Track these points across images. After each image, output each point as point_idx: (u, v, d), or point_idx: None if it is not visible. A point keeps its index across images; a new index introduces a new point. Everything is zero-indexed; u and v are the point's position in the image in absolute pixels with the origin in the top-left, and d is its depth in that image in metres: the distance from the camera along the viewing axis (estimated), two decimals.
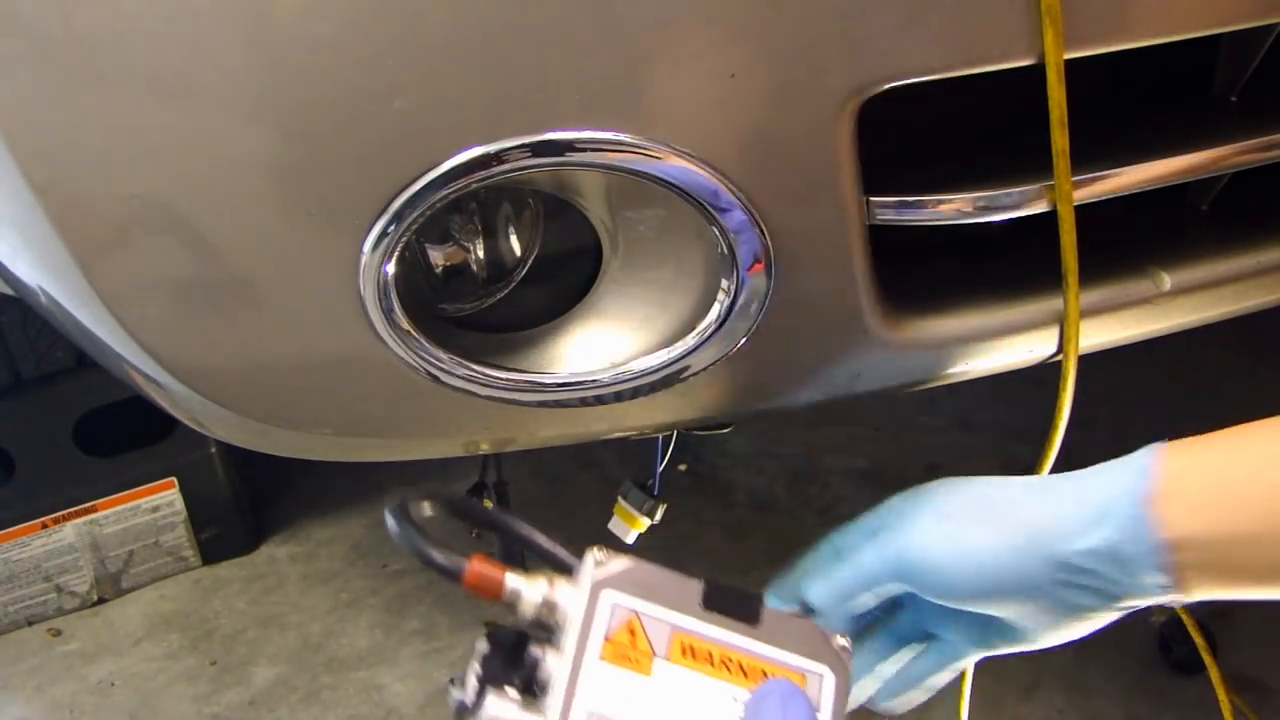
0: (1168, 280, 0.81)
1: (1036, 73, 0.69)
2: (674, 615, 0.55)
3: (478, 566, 0.55)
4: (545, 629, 0.55)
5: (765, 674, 0.54)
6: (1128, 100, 0.88)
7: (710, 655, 0.54)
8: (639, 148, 0.66)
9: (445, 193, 0.66)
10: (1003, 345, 0.80)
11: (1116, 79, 0.86)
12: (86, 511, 1.63)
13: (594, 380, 0.74)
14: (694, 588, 0.56)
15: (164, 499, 1.67)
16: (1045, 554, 0.59)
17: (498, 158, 0.65)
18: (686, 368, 0.74)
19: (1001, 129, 0.83)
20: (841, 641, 0.57)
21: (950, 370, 0.80)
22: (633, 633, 0.54)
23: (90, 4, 0.62)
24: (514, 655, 0.54)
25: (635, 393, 0.75)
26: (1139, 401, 0.75)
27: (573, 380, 0.75)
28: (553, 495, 1.80)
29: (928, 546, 0.60)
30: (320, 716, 1.44)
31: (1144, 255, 0.83)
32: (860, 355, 0.77)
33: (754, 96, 0.67)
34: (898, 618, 0.67)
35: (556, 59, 0.64)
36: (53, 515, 1.62)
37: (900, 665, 0.68)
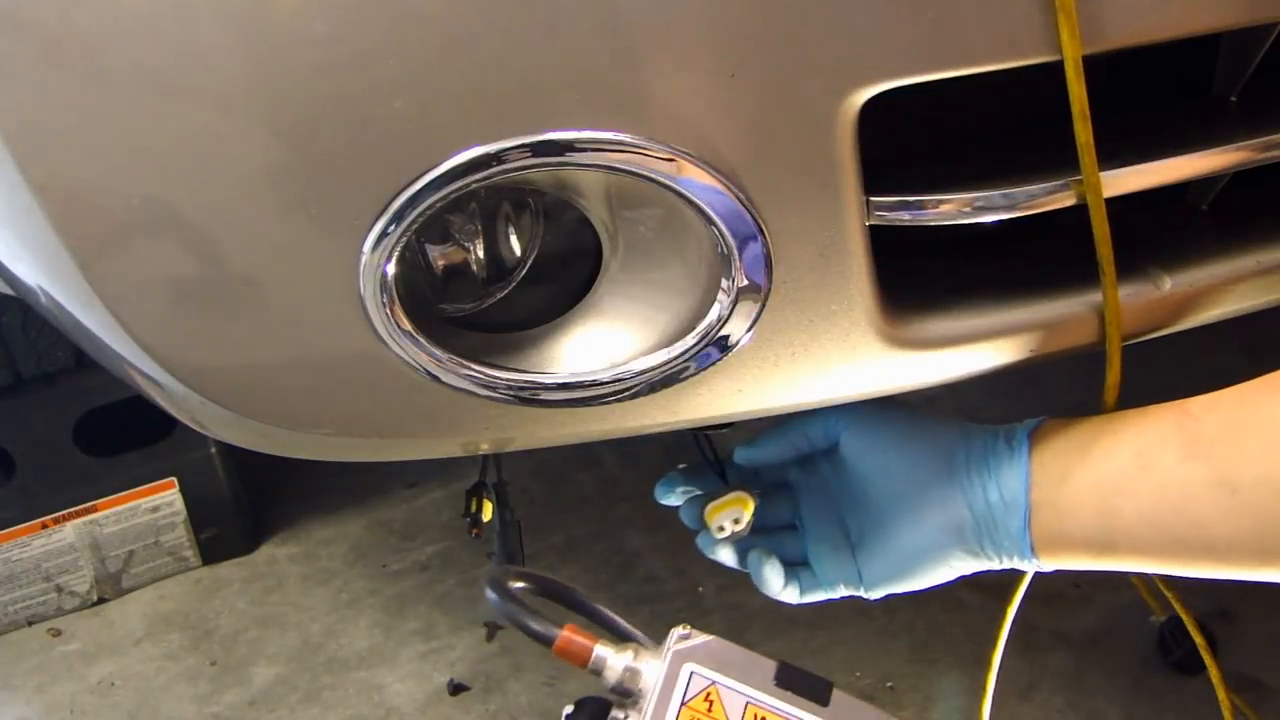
0: (1168, 281, 0.81)
1: (1036, 73, 0.69)
2: (749, 689, 0.58)
3: (569, 634, 0.61)
4: (628, 695, 0.60)
5: None
6: (1127, 100, 0.88)
7: None
8: (639, 148, 0.66)
9: (445, 193, 0.66)
10: (1003, 345, 0.80)
11: (1115, 79, 0.86)
12: (86, 511, 1.63)
13: (594, 380, 0.74)
14: (768, 666, 0.60)
15: (164, 499, 1.67)
16: (954, 444, 0.79)
17: (498, 158, 0.65)
18: (686, 368, 0.74)
19: (1000, 129, 0.83)
20: None
21: (950, 370, 0.80)
22: (709, 701, 0.58)
23: (90, 4, 0.62)
24: (597, 718, 0.59)
25: (635, 393, 0.75)
26: (1139, 402, 0.75)
27: (573, 380, 0.75)
28: (553, 495, 1.80)
29: (856, 412, 0.84)
30: (320, 716, 1.44)
31: (1144, 256, 0.82)
32: (860, 355, 0.77)
33: (754, 96, 0.67)
34: (783, 540, 0.86)
35: (557, 59, 0.64)
36: (53, 515, 1.62)
37: (764, 558, 0.83)
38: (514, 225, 0.77)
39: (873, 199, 0.72)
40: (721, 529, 0.84)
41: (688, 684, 0.57)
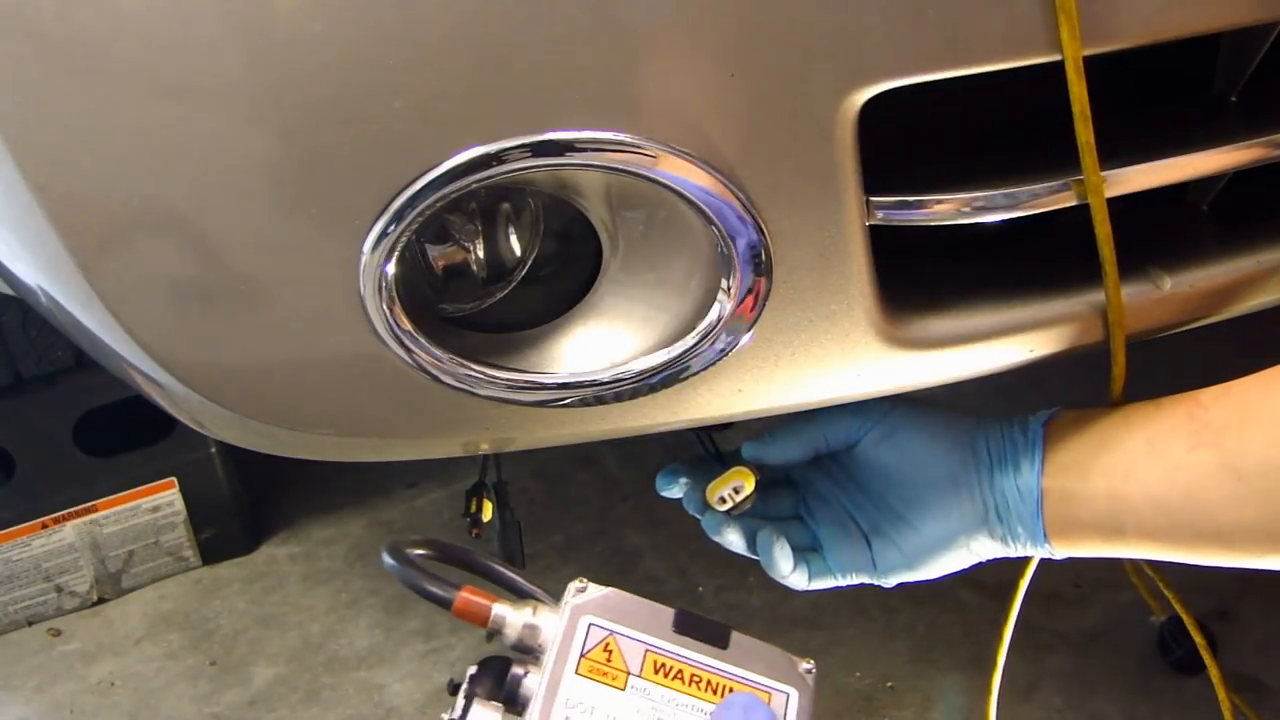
0: (1168, 281, 0.81)
1: (1037, 73, 0.69)
2: (647, 637, 0.59)
3: (466, 595, 0.61)
4: (529, 652, 0.60)
5: (733, 691, 0.58)
6: (1127, 101, 0.88)
7: (681, 673, 0.58)
8: (639, 148, 0.66)
9: (445, 193, 0.66)
10: (1003, 345, 0.80)
11: (1114, 80, 0.86)
12: (86, 511, 1.63)
13: (594, 380, 0.74)
14: (666, 615, 0.60)
15: (164, 499, 1.67)
16: (971, 434, 0.81)
17: (498, 158, 0.65)
18: (686, 368, 0.74)
19: (999, 130, 0.83)
20: (806, 665, 0.61)
21: (951, 370, 0.80)
22: (609, 651, 0.58)
23: (90, 4, 0.62)
24: (499, 675, 0.59)
25: (635, 393, 0.75)
26: (1139, 400, 0.76)
27: (573, 380, 0.75)
28: (552, 495, 1.80)
29: (873, 411, 0.85)
30: (320, 716, 1.44)
31: (1144, 255, 0.82)
32: (860, 355, 0.77)
33: (754, 96, 0.67)
34: (789, 528, 0.86)
35: (556, 59, 0.64)
36: (53, 515, 1.62)
37: (773, 539, 0.83)
38: (514, 225, 0.77)
39: (873, 199, 0.72)
40: (723, 500, 0.83)
41: (586, 636, 0.58)
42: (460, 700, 0.58)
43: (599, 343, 0.76)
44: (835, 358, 0.77)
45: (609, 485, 1.82)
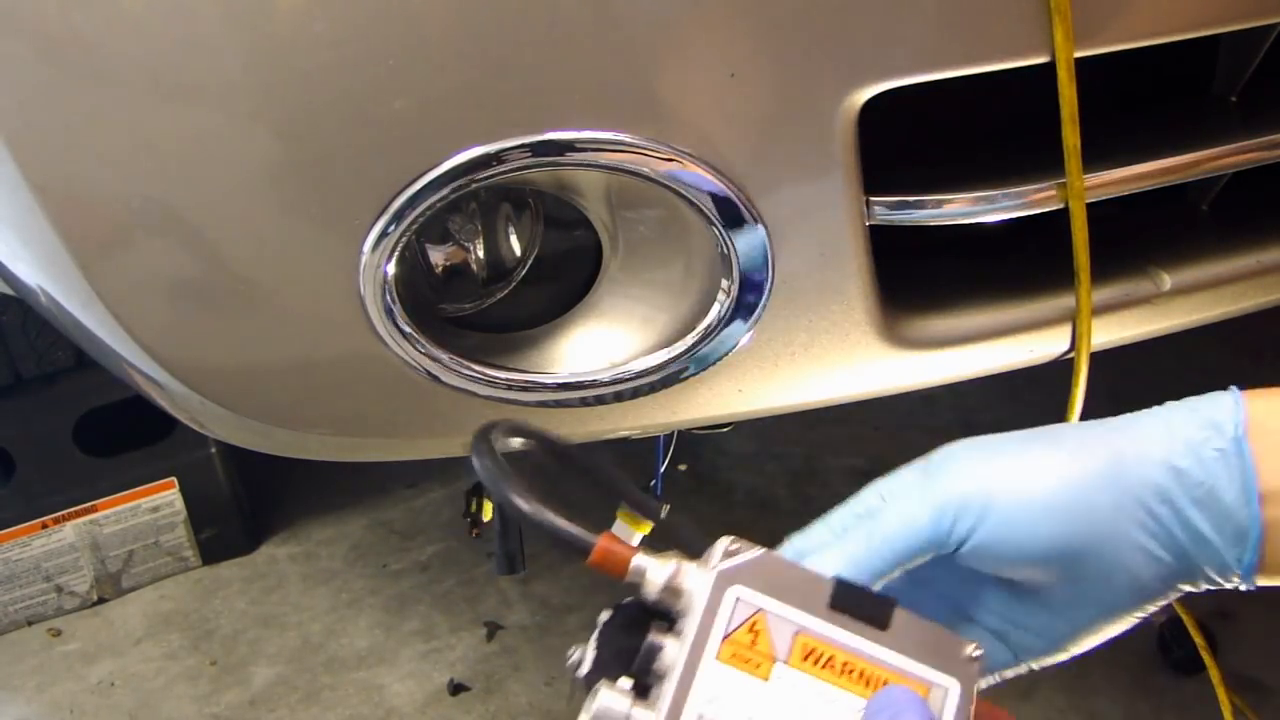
0: (1168, 280, 0.81)
1: (1034, 74, 0.69)
2: (799, 615, 0.52)
3: (606, 543, 0.54)
4: (664, 616, 0.53)
5: (887, 684, 0.51)
6: (1127, 101, 0.88)
7: (833, 661, 0.52)
8: (639, 148, 0.66)
9: (445, 193, 0.66)
10: (1003, 345, 0.79)
11: (1114, 80, 0.86)
12: (86, 511, 1.63)
13: (594, 380, 0.74)
14: (824, 585, 0.53)
15: (164, 499, 1.67)
16: (1131, 478, 0.52)
17: (498, 158, 0.65)
18: (686, 368, 0.74)
19: (999, 130, 0.83)
20: (973, 652, 0.53)
21: (951, 370, 0.80)
22: (754, 632, 0.51)
23: (90, 4, 0.62)
24: (634, 629, 0.52)
25: (635, 393, 0.75)
26: (1139, 402, 0.75)
27: (573, 380, 0.75)
28: (552, 495, 1.79)
29: (985, 481, 0.53)
30: (320, 716, 1.44)
31: (1144, 255, 0.83)
32: (860, 355, 0.77)
33: (754, 96, 0.67)
34: None
35: (557, 59, 0.64)
36: (53, 515, 1.62)
37: None
38: (514, 225, 0.77)
39: (872, 199, 0.72)
40: None
41: (732, 612, 0.51)
42: (590, 652, 0.51)
43: (599, 343, 0.76)
44: (835, 358, 0.77)
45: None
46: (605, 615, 0.53)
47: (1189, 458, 0.53)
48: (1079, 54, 0.68)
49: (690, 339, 0.73)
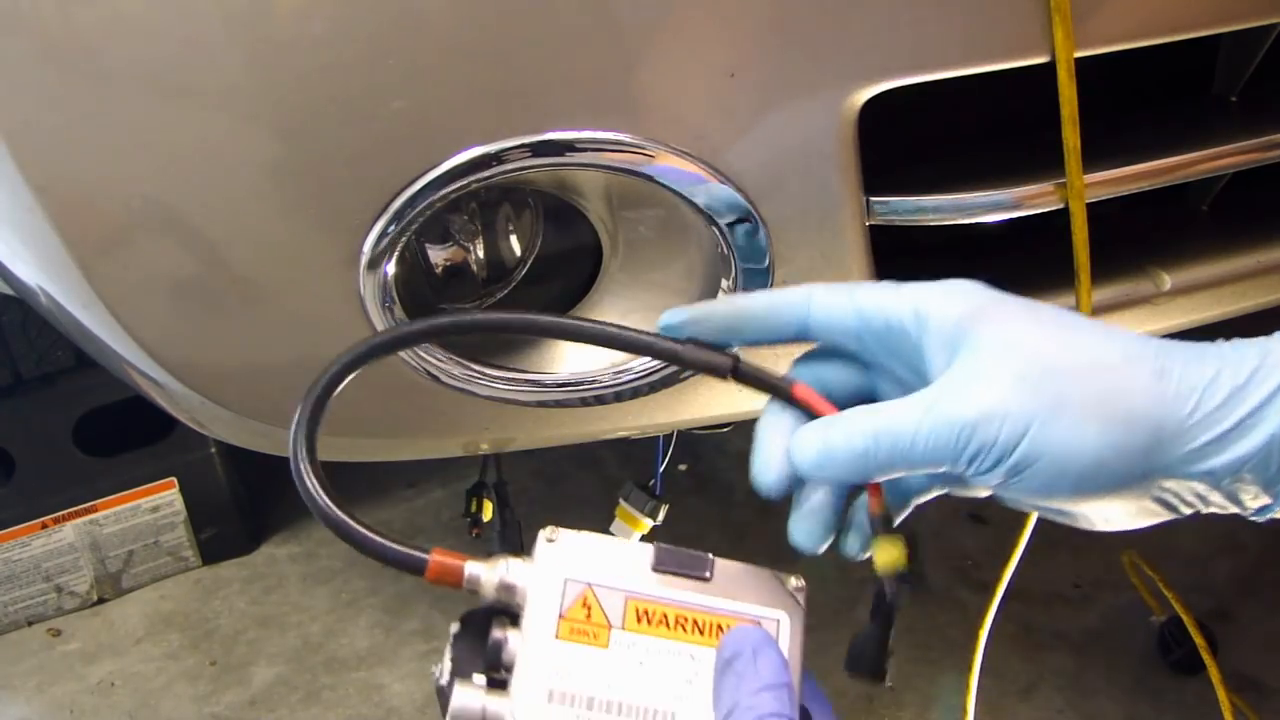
0: (1168, 280, 0.81)
1: (1033, 74, 0.69)
2: (626, 582, 0.55)
3: (438, 558, 0.56)
4: (507, 612, 0.56)
5: (721, 628, 0.55)
6: (1127, 101, 0.88)
7: (665, 618, 0.55)
8: (639, 148, 0.66)
9: (445, 193, 0.66)
10: None
11: (1114, 80, 0.86)
12: (86, 511, 1.63)
13: (594, 380, 0.74)
14: (645, 553, 0.57)
15: (164, 499, 1.67)
16: (1168, 455, 0.48)
17: (498, 158, 0.65)
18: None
19: (999, 130, 0.83)
20: (796, 583, 0.58)
21: None
22: (587, 607, 0.55)
23: (90, 4, 0.62)
24: (483, 633, 0.55)
25: (635, 393, 0.75)
26: None
27: (573, 380, 0.75)
28: (553, 495, 1.79)
29: (1018, 426, 0.48)
30: (320, 716, 1.44)
31: (1144, 255, 0.83)
32: None
33: (754, 96, 0.67)
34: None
35: (557, 59, 0.64)
36: (53, 515, 1.62)
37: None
38: (514, 225, 0.77)
39: (872, 199, 0.72)
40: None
41: (562, 594, 0.55)
42: (446, 664, 0.54)
43: None
44: None
45: (609, 485, 1.82)
46: (455, 627, 0.56)
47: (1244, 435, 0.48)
48: (1079, 54, 0.68)
49: None
